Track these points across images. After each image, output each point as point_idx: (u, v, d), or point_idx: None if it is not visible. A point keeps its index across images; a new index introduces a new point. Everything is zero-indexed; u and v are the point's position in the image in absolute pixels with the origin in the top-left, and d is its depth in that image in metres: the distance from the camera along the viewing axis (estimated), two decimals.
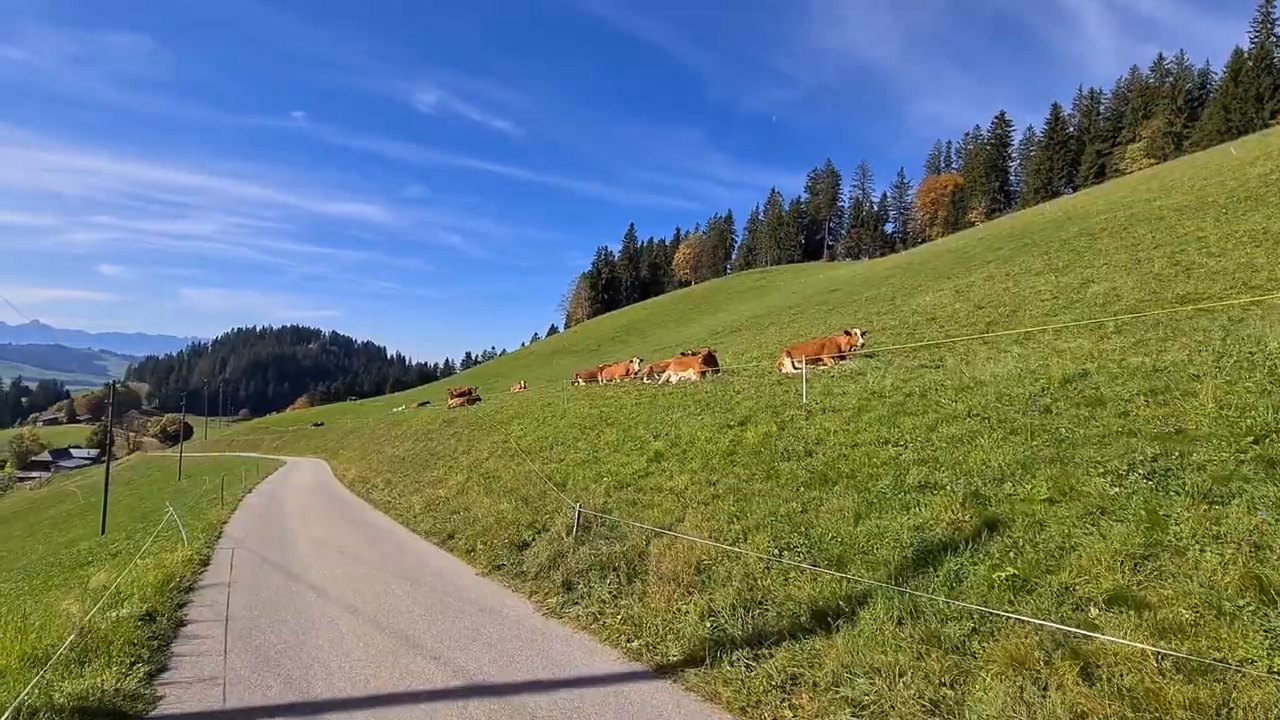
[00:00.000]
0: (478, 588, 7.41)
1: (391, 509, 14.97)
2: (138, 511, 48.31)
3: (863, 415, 8.65)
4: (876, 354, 15.30)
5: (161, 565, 8.61)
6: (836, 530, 5.95)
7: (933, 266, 45.53)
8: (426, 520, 12.30)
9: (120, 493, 63.28)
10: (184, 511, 18.42)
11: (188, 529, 12.79)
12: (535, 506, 10.04)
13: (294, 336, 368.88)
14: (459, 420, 26.53)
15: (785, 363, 15.56)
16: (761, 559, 5.83)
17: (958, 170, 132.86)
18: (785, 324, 40.23)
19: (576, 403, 18.81)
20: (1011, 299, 19.75)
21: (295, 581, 8.17)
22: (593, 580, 6.48)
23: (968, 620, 4.18)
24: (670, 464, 9.68)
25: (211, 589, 8.01)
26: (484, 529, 9.79)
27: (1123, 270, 19.43)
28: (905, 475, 6.44)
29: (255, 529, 13.59)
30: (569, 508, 8.25)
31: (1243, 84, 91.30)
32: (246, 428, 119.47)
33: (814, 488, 7.02)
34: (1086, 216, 39.78)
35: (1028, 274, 25.79)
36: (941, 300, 26.18)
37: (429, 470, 18.43)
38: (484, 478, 14.26)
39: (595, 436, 13.32)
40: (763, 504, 7.04)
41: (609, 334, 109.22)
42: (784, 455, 8.16)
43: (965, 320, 18.76)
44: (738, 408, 11.30)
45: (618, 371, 23.84)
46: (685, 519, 7.55)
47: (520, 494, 11.26)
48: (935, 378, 9.62)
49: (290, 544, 11.38)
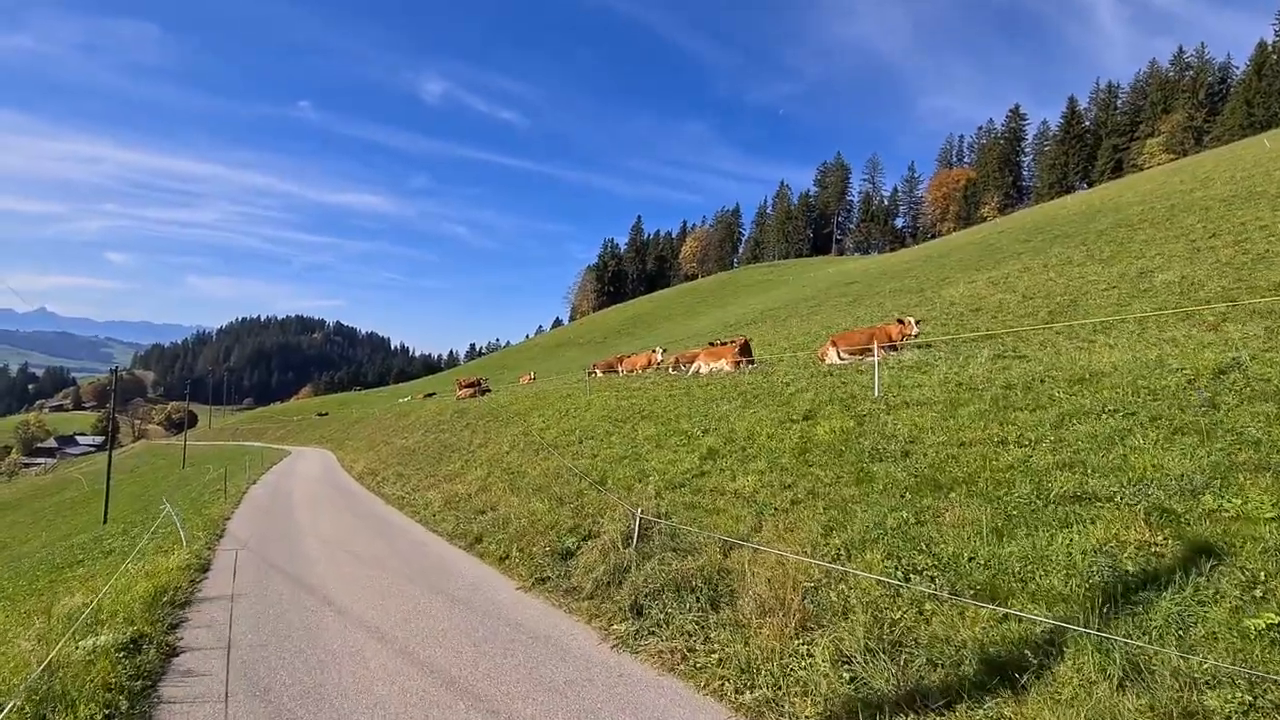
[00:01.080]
0: (522, 606, 6.32)
1: (406, 505, 13.92)
2: (141, 500, 47.64)
3: (959, 410, 7.52)
4: (931, 344, 14.16)
5: (154, 573, 7.54)
6: (973, 549, 4.84)
7: (956, 259, 44.17)
8: (448, 519, 11.24)
9: (124, 480, 62.67)
10: (185, 505, 17.42)
11: (187, 527, 11.74)
12: (574, 508, 8.96)
13: (298, 326, 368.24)
14: (471, 411, 25.49)
15: (830, 353, 14.42)
16: (881, 582, 4.74)
17: (970, 165, 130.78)
18: (805, 316, 39.04)
19: (600, 394, 17.72)
20: (1064, 289, 18.53)
21: (308, 593, 7.10)
22: (668, 604, 5.38)
23: (1231, 688, 3.07)
24: (728, 462, 8.58)
25: (211, 603, 6.92)
26: (517, 533, 8.72)
27: (1183, 259, 18.20)
28: (1047, 482, 5.32)
29: (260, 526, 12.54)
30: (627, 512, 7.14)
31: (1266, 78, 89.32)
32: (250, 416, 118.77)
33: (923, 494, 5.92)
34: (1119, 209, 38.42)
35: (1068, 265, 24.54)
36: (977, 291, 25.01)
37: (444, 463, 17.38)
38: (507, 473, 13.20)
39: (630, 430, 12.22)
40: (862, 513, 5.94)
41: (615, 326, 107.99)
42: (873, 455, 7.04)
43: (1017, 311, 17.57)
44: (795, 400, 10.17)
45: (639, 362, 22.73)
46: (763, 528, 6.47)
47: (553, 493, 10.18)
48: (1031, 369, 8.48)
49: (299, 544, 10.33)
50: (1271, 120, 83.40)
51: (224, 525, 12.73)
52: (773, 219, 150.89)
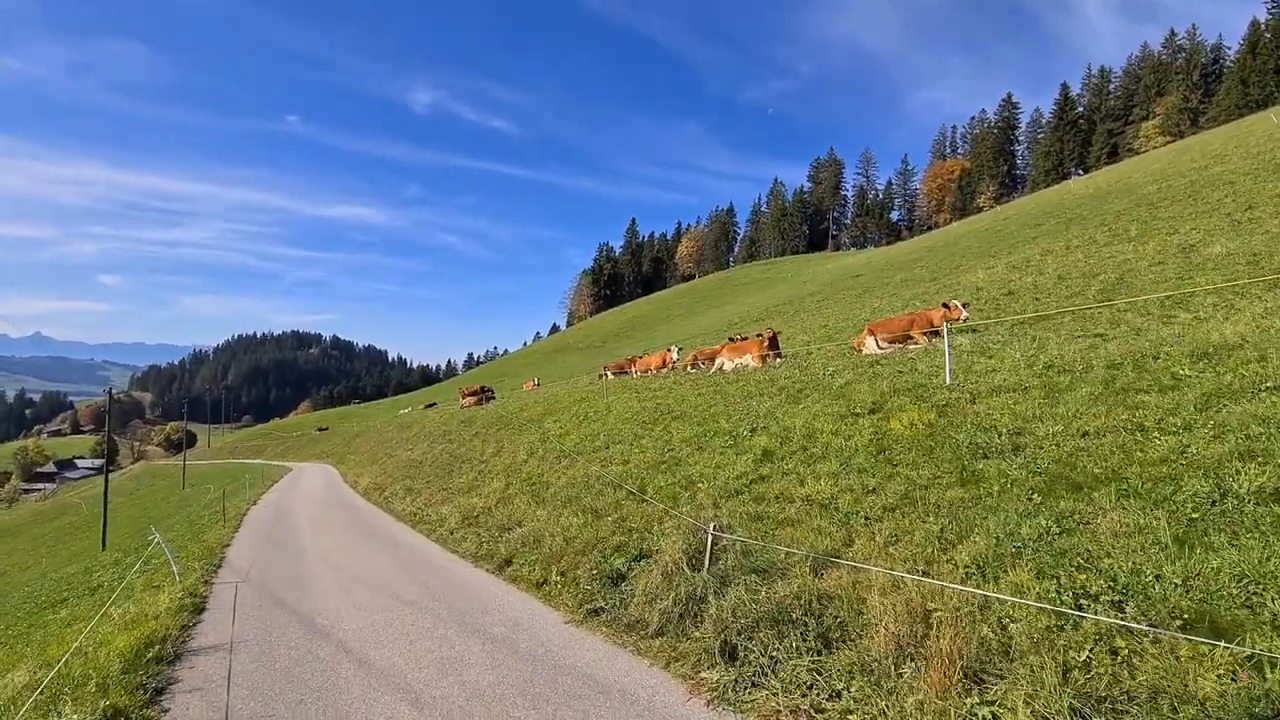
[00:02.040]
0: (577, 647, 5.31)
1: (420, 522, 12.89)
2: (140, 522, 46.42)
3: (1062, 395, 6.54)
4: (977, 329, 13.20)
5: (139, 619, 6.47)
6: (1156, 565, 3.84)
7: (963, 247, 43.30)
8: (468, 538, 10.21)
9: (123, 503, 61.38)
10: (182, 530, 16.34)
11: (182, 558, 10.68)
12: (614, 522, 7.95)
13: (294, 342, 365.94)
14: (478, 420, 24.46)
15: (868, 342, 13.44)
16: (1045, 610, 3.74)
17: (964, 155, 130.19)
18: (815, 310, 38.13)
19: (618, 396, 16.71)
20: (1105, 267, 17.58)
21: (321, 638, 6.07)
22: (768, 643, 4.36)
23: None
24: (790, 464, 7.58)
25: (206, 656, 5.85)
26: (553, 553, 7.70)
27: (1226, 232, 17.30)
28: (1229, 477, 4.34)
29: (263, 553, 11.47)
30: (688, 527, 6.11)
31: (1261, 56, 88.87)
32: (250, 434, 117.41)
33: (1057, 495, 4.92)
34: (1131, 189, 37.62)
35: (1092, 245, 23.67)
36: (997, 276, 24.12)
37: (456, 475, 16.35)
38: (528, 484, 12.18)
39: (662, 432, 11.21)
40: (982, 520, 4.94)
41: (613, 330, 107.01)
42: (975, 450, 6.05)
43: (1057, 292, 16.63)
44: (850, 393, 9.19)
45: (653, 362, 21.74)
46: (855, 542, 5.47)
47: (584, 505, 9.17)
48: (1132, 346, 7.51)
49: (307, 574, 9.28)
50: (1268, 99, 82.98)
51: (222, 553, 11.62)
52: (768, 217, 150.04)
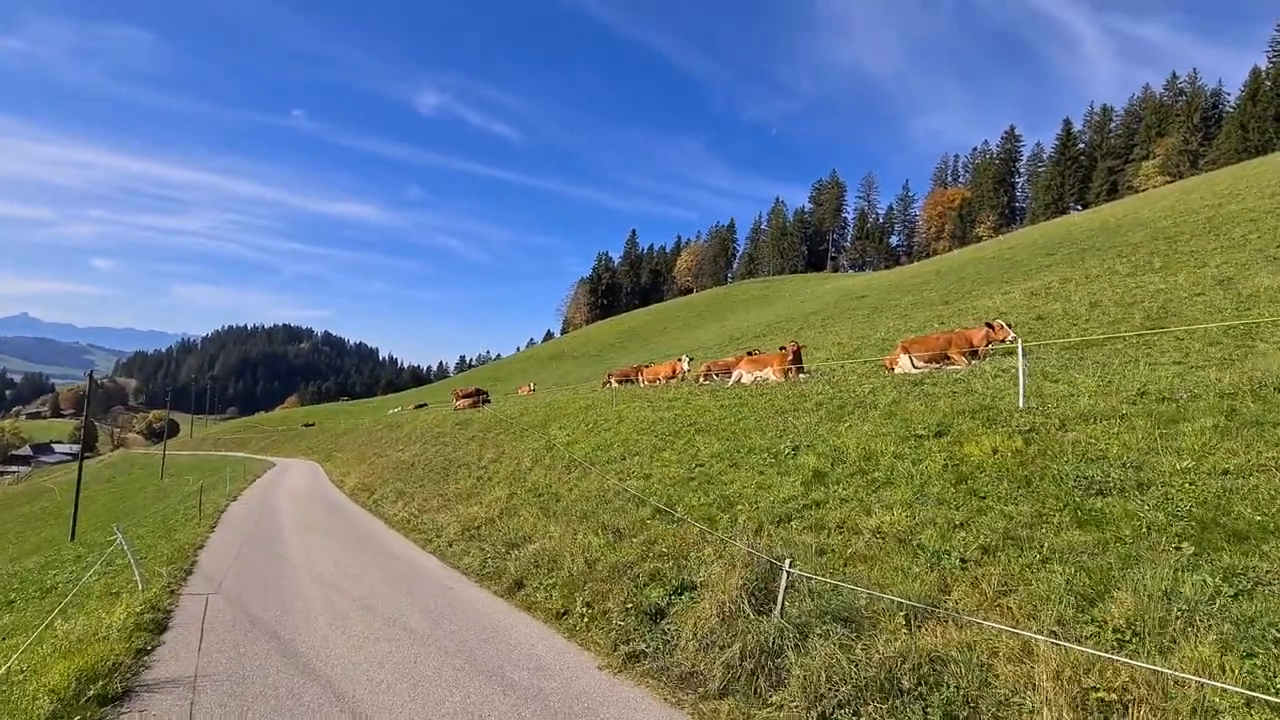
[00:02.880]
0: (620, 703, 4.37)
1: (415, 530, 11.86)
2: (115, 511, 44.78)
3: (1176, 426, 5.71)
4: (1029, 351, 12.41)
5: (85, 642, 5.35)
6: None
7: (971, 273, 42.84)
8: (470, 552, 9.22)
9: (99, 491, 59.51)
10: (153, 526, 15.16)
11: (148, 560, 9.58)
12: (642, 545, 7.00)
13: (285, 335, 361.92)
14: (475, 423, 23.44)
15: (901, 360, 12.63)
16: (1257, 698, 2.88)
17: (965, 184, 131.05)
18: (820, 328, 37.42)
19: (628, 405, 15.79)
20: (1139, 296, 16.92)
21: (306, 677, 5.06)
22: None
23: None
24: (848, 489, 6.69)
25: (162, 695, 4.74)
26: (573, 577, 6.75)
27: (1266, 267, 16.72)
28: None
29: (240, 559, 10.37)
30: (745, 557, 5.18)
31: (1260, 103, 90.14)
32: (234, 426, 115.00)
33: (1216, 547, 4.07)
34: (1144, 224, 37.42)
35: (1113, 274, 23.18)
36: (1016, 302, 23.50)
37: (453, 480, 15.34)
38: (535, 494, 11.22)
39: (686, 446, 10.30)
40: (1119, 572, 4.08)
41: (609, 340, 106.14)
42: (1085, 485, 5.20)
43: (1090, 318, 15.94)
44: (902, 412, 8.33)
45: (662, 372, 20.87)
46: (952, 589, 4.58)
47: (602, 522, 8.22)
48: (1243, 375, 6.70)
49: (290, 588, 8.24)
50: (1267, 144, 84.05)
51: (195, 556, 10.47)
52: (768, 235, 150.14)
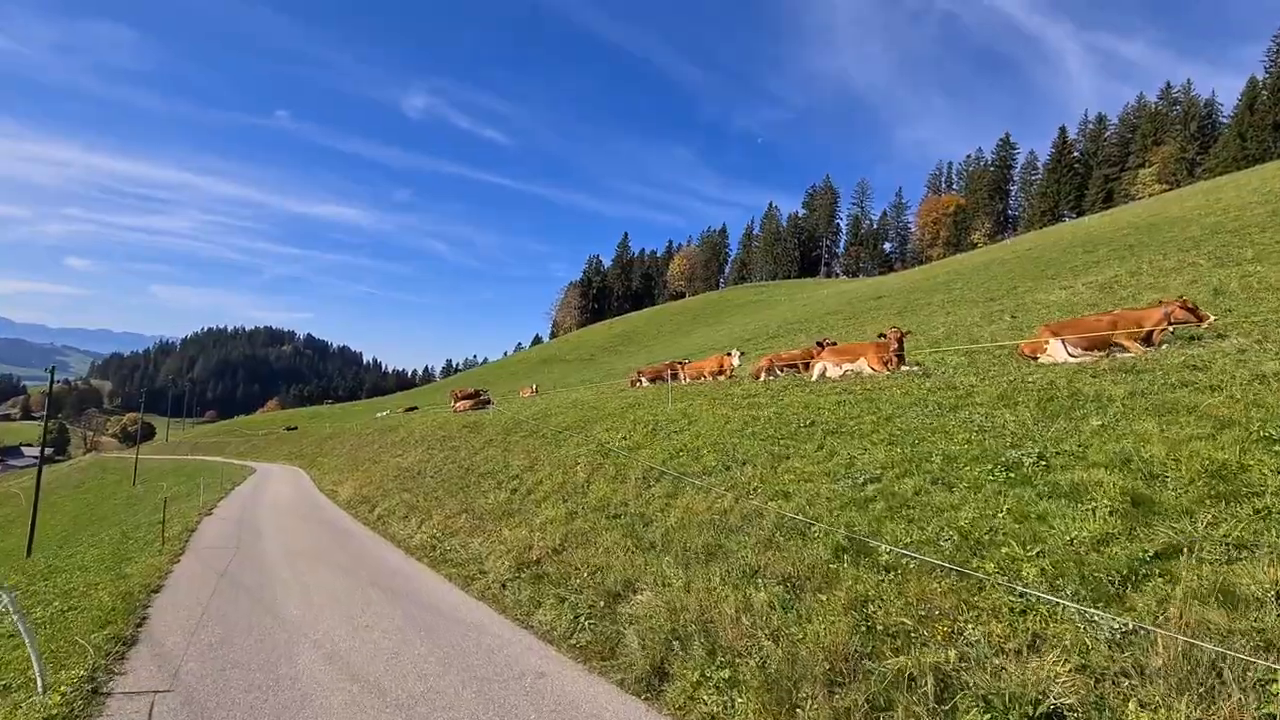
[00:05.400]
0: None
1: (445, 562, 9.19)
2: (83, 519, 41.18)
3: None
4: (1198, 338, 10.11)
5: None
6: None
7: (1000, 272, 40.83)
8: (541, 603, 6.61)
9: (66, 497, 55.54)
10: (106, 550, 12.24)
11: (80, 610, 6.74)
12: (847, 608, 4.48)
13: (267, 338, 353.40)
14: (487, 426, 20.71)
15: (1053, 347, 10.24)
16: None
17: (959, 191, 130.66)
18: (837, 327, 35.22)
19: (692, 403, 13.22)
20: (1269, 282, 14.79)
21: None
22: None
23: None
24: (1218, 529, 4.22)
25: None
26: (774, 678, 4.18)
27: None
28: None
29: (210, 615, 7.27)
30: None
31: (1258, 112, 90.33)
32: (213, 429, 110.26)
33: None
34: (1172, 224, 35.51)
35: (1195, 267, 21.16)
36: (1083, 295, 21.40)
37: (479, 493, 12.66)
38: (605, 514, 8.62)
39: (821, 454, 7.76)
40: None
41: (602, 343, 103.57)
42: None
43: (1213, 306, 13.77)
44: (1185, 404, 5.90)
45: (707, 367, 18.41)
46: None
47: (748, 563, 5.69)
48: None
49: (289, 678, 5.54)
50: (1265, 153, 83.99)
51: (148, 604, 7.54)
52: (760, 240, 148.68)
